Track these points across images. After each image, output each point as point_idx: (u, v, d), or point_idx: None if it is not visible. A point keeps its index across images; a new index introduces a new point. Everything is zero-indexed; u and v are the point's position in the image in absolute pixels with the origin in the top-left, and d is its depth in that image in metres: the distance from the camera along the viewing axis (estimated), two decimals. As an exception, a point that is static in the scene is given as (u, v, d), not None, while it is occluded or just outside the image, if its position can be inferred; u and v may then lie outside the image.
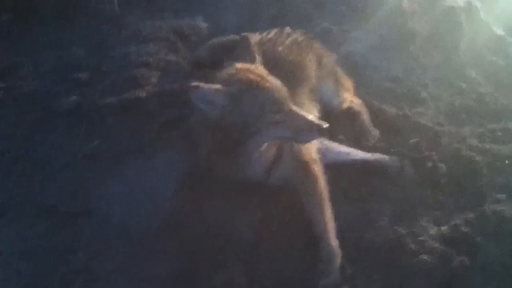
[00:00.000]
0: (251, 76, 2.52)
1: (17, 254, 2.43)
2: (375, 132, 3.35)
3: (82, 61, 3.56)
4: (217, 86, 2.46)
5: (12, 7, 4.03)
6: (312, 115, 2.54)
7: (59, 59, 3.62)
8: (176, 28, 4.00)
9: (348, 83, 3.43)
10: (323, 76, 3.25)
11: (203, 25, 4.12)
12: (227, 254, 2.57)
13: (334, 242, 2.61)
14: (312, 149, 2.86)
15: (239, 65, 2.60)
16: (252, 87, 2.49)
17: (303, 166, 2.76)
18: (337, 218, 2.77)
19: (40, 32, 3.92)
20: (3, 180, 2.75)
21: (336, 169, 3.06)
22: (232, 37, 3.40)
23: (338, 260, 2.57)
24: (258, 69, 2.60)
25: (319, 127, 2.48)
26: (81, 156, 2.89)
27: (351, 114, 3.40)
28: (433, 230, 2.80)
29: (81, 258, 2.49)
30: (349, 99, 3.36)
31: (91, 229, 2.57)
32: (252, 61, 2.69)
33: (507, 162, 3.20)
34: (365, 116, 3.41)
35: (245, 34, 2.87)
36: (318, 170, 2.78)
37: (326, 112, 3.24)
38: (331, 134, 3.26)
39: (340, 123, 3.37)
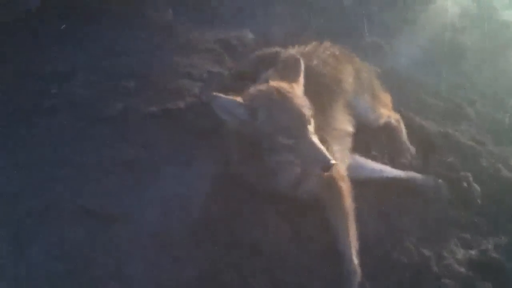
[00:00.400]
0: (275, 95, 2.55)
1: (52, 255, 2.58)
2: (412, 149, 3.33)
3: (132, 69, 3.71)
4: (238, 99, 2.54)
5: (70, 16, 4.24)
6: (324, 149, 2.47)
7: (111, 67, 3.79)
8: (223, 39, 4.09)
9: (386, 98, 3.42)
10: (360, 90, 3.25)
11: (250, 36, 4.19)
12: (253, 265, 2.62)
13: (355, 259, 2.63)
14: (340, 165, 2.87)
15: (273, 82, 2.64)
16: (271, 106, 2.53)
17: (330, 183, 2.78)
18: (364, 234, 2.79)
19: (96, 40, 4.11)
20: (48, 183, 2.93)
21: (368, 185, 3.07)
22: (276, 49, 3.45)
23: (357, 277, 2.59)
24: (289, 89, 2.61)
25: (326, 163, 2.44)
26: (120, 162, 3.03)
27: (388, 129, 3.38)
28: (460, 254, 2.79)
29: (113, 262, 2.61)
30: (387, 114, 3.34)
31: (125, 234, 2.69)
32: (295, 79, 2.72)
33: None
34: (403, 132, 3.40)
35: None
36: (345, 187, 2.79)
37: (362, 127, 3.25)
38: (365, 150, 3.28)
39: (376, 139, 3.37)
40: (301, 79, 2.73)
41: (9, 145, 3.18)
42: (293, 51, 3.20)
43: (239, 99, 2.54)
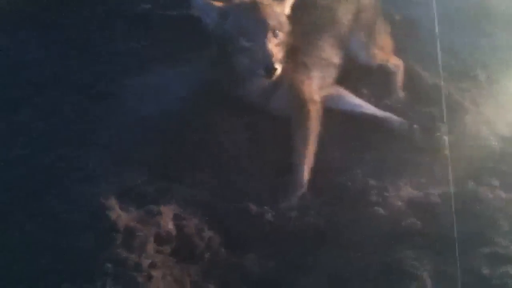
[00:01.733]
0: (248, 4, 2.85)
1: (38, 117, 3.06)
2: (400, 94, 3.44)
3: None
4: (214, 2, 2.86)
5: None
6: (276, 56, 2.76)
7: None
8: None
9: (387, 42, 3.53)
10: (356, 28, 3.38)
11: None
12: (202, 159, 2.97)
13: (305, 176, 2.89)
14: (314, 89, 3.10)
15: None
16: (240, 12, 2.84)
17: (300, 103, 3.02)
18: (321, 157, 3.04)
19: None
20: (60, 59, 3.42)
21: (344, 116, 3.29)
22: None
23: (301, 190, 2.86)
24: (266, 2, 2.88)
25: (268, 65, 2.71)
26: (127, 51, 3.45)
27: (385, 72, 3.51)
28: (405, 191, 2.92)
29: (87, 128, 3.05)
30: (384, 57, 3.46)
31: (108, 110, 3.12)
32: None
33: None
34: (398, 77, 3.51)
35: None
36: (314, 110, 3.02)
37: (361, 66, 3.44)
38: (355, 85, 3.45)
39: (370, 78, 3.52)
40: (287, 1, 2.99)
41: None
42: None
43: (215, 2, 2.83)
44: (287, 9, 3.00)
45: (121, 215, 2.43)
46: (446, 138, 3.15)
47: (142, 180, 2.76)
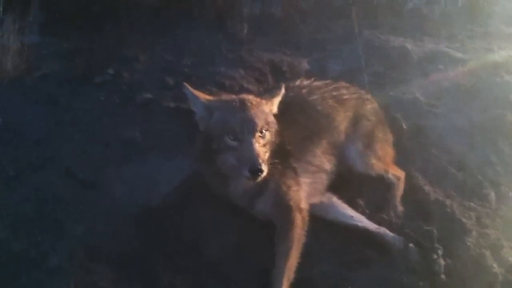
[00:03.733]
0: (235, 103, 2.76)
1: (28, 199, 2.99)
2: (399, 209, 3.26)
3: (183, 69, 4.08)
4: (202, 96, 2.82)
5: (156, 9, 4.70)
6: (262, 157, 2.63)
7: (168, 63, 4.19)
8: (276, 62, 4.30)
9: (388, 151, 3.39)
10: (353, 136, 3.28)
11: (305, 66, 4.35)
12: (184, 260, 2.82)
13: None
14: (301, 196, 2.94)
15: (244, 95, 2.89)
16: (226, 109, 2.75)
17: (285, 210, 2.87)
18: (308, 271, 2.85)
19: (170, 36, 4.53)
20: (56, 136, 3.38)
21: (338, 227, 3.11)
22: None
23: None
24: (253, 101, 2.80)
25: (253, 166, 2.58)
26: (121, 140, 3.41)
27: (384, 183, 3.35)
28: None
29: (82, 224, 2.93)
30: (383, 168, 3.31)
31: (94, 200, 3.05)
32: (270, 98, 2.93)
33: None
34: (398, 190, 3.34)
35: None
36: (299, 218, 2.86)
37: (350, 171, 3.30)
38: (352, 195, 3.29)
39: (369, 189, 3.36)
40: (276, 100, 2.92)
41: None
42: (303, 82, 3.30)
43: (203, 96, 2.79)
44: (275, 108, 2.92)
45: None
46: (443, 261, 2.90)
47: (109, 281, 2.61)
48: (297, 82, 3.36)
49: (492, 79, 4.23)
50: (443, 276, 2.91)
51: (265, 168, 2.61)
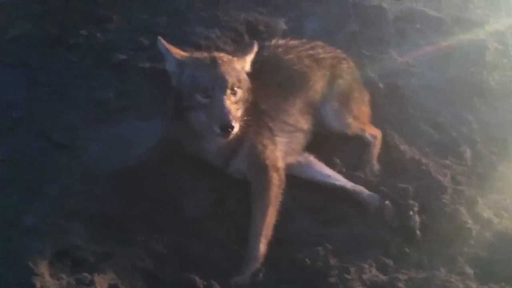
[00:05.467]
0: (207, 60, 2.73)
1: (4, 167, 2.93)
2: (375, 167, 3.28)
3: (157, 29, 3.99)
4: (175, 51, 2.78)
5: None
6: (234, 114, 2.61)
7: (142, 23, 4.10)
8: (252, 22, 4.23)
9: (364, 111, 3.39)
10: (329, 96, 3.26)
11: (282, 26, 4.28)
12: (164, 221, 2.82)
13: (261, 249, 2.71)
14: (277, 155, 2.94)
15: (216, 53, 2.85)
16: (198, 66, 2.71)
17: (261, 169, 2.86)
18: (285, 229, 2.87)
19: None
20: (30, 98, 3.34)
21: (314, 185, 3.14)
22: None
23: (255, 265, 2.66)
24: (225, 59, 2.77)
25: (224, 122, 2.56)
26: (96, 102, 3.35)
27: (361, 142, 3.36)
28: (368, 275, 2.73)
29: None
30: (359, 127, 3.32)
31: (67, 161, 2.99)
32: (242, 56, 2.91)
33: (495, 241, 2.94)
34: (374, 148, 3.36)
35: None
36: (276, 177, 2.86)
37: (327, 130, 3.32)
38: (329, 154, 3.29)
39: (345, 147, 3.37)
40: (248, 58, 2.90)
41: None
42: (279, 42, 3.27)
43: (176, 52, 2.76)
44: (247, 66, 2.90)
45: (47, 284, 2.23)
46: (418, 218, 2.94)
47: (85, 240, 2.57)
48: (273, 42, 3.31)
49: (467, 38, 4.22)
50: (418, 232, 2.95)
51: (236, 124, 2.59)
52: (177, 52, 2.80)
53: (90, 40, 3.90)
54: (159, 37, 2.82)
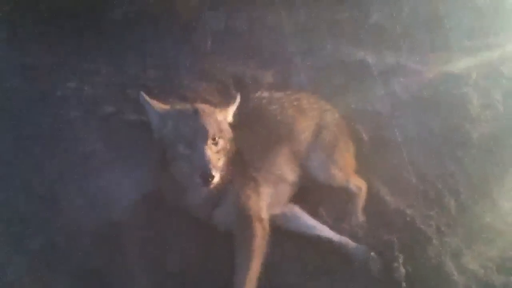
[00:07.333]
0: (189, 111, 2.77)
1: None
2: (360, 218, 3.28)
3: (145, 82, 4.05)
4: (157, 105, 2.80)
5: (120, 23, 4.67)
6: (214, 164, 2.63)
7: (131, 76, 4.16)
8: (239, 75, 4.30)
9: (349, 162, 3.41)
10: (315, 146, 3.28)
11: (268, 79, 4.35)
12: (144, 275, 2.77)
13: None
14: (261, 206, 2.94)
15: (198, 104, 2.90)
16: (179, 118, 2.74)
17: (245, 220, 2.85)
18: (272, 282, 2.87)
19: (134, 50, 4.49)
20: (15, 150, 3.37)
21: (301, 239, 3.12)
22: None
23: None
24: (207, 110, 2.82)
25: (204, 171, 2.58)
26: (82, 154, 3.36)
27: (346, 193, 3.37)
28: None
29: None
30: (345, 178, 3.33)
31: (50, 215, 2.98)
32: (224, 107, 2.96)
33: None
34: (360, 199, 3.36)
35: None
36: (259, 228, 2.85)
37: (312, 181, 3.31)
38: (314, 205, 3.30)
39: (331, 198, 3.37)
40: (230, 109, 2.95)
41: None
42: (263, 93, 3.32)
43: (158, 105, 2.79)
44: (229, 117, 2.95)
45: None
46: (404, 270, 2.93)
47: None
48: (257, 93, 3.36)
49: (450, 90, 4.30)
50: (404, 284, 2.94)
51: (216, 174, 2.61)
52: (159, 106, 2.83)
53: (78, 93, 3.92)
54: (141, 92, 2.85)
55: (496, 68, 4.55)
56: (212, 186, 2.62)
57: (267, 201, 2.99)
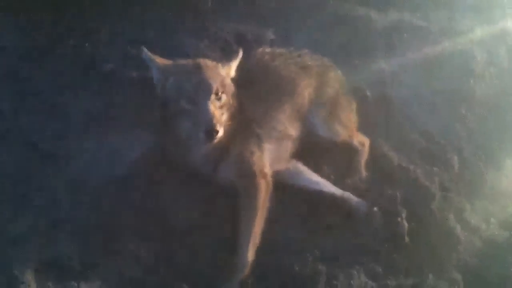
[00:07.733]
0: (191, 67, 2.72)
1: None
2: (362, 174, 3.29)
3: (146, 40, 3.98)
4: (160, 60, 2.76)
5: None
6: (218, 119, 2.59)
7: (131, 34, 4.09)
8: (241, 32, 4.24)
9: (350, 119, 3.40)
10: (317, 103, 3.25)
11: (270, 36, 4.30)
12: (149, 230, 2.78)
13: (248, 257, 2.70)
14: (264, 161, 2.93)
15: (200, 59, 2.84)
16: (181, 74, 2.70)
17: (248, 175, 2.84)
18: (273, 236, 2.85)
19: (133, 8, 4.41)
20: (17, 108, 3.32)
21: (302, 193, 3.12)
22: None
23: (244, 273, 2.66)
24: (210, 65, 2.77)
25: (208, 127, 2.54)
26: (85, 112, 3.33)
27: (349, 149, 3.37)
28: (357, 281, 2.73)
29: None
30: (347, 134, 3.32)
31: (55, 172, 2.97)
32: (227, 62, 2.91)
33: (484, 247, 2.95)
34: (362, 156, 3.37)
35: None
36: (263, 184, 2.84)
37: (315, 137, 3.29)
38: (317, 161, 3.29)
39: (334, 155, 3.37)
40: (233, 64, 2.90)
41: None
42: (266, 50, 3.28)
43: (160, 61, 2.75)
44: (232, 72, 2.90)
45: (33, 292, 2.20)
46: (407, 224, 2.94)
47: (72, 250, 2.56)
48: (260, 50, 3.32)
49: (454, 47, 4.26)
50: (407, 238, 2.95)
51: (220, 129, 2.57)
52: (161, 61, 2.78)
53: (77, 50, 3.86)
54: (143, 47, 2.80)
55: (501, 25, 4.47)
56: (216, 141, 2.58)
57: (270, 156, 2.96)
